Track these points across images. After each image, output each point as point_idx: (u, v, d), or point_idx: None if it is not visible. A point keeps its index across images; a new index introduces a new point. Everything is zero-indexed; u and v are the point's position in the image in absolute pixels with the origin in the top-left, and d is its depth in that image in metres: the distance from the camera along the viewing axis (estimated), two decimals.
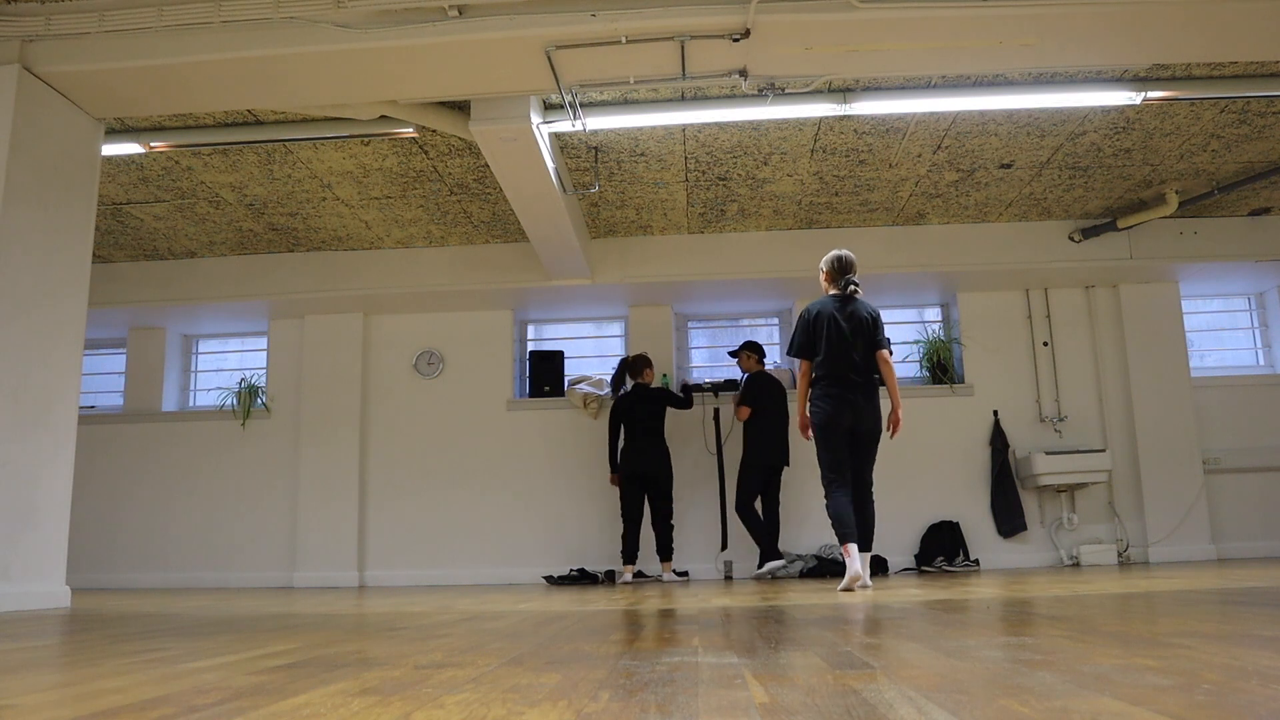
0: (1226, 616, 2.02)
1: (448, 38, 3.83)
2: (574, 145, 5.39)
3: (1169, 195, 6.19)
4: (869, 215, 6.63)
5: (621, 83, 4.16)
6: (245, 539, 7.09)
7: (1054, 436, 6.88)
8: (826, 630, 1.99)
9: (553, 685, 1.24)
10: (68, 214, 4.18)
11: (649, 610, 2.98)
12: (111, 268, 7.08)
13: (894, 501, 6.75)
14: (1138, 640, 1.59)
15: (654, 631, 2.09)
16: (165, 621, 2.89)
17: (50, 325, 4.05)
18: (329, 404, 7.14)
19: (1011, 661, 1.36)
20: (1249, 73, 4.80)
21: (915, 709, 0.99)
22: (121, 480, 7.23)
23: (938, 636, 1.79)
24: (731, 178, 5.89)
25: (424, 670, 1.44)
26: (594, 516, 6.88)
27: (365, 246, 6.97)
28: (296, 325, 7.40)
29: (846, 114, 4.94)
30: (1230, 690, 1.05)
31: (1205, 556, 6.59)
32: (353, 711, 1.05)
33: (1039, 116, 5.16)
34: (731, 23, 3.78)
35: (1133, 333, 6.94)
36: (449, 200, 6.15)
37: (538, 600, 3.72)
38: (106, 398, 7.76)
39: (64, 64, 3.97)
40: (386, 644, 1.92)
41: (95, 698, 1.21)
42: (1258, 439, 6.90)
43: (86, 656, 1.79)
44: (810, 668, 1.36)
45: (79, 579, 7.06)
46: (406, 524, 7.01)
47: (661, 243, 6.88)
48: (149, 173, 5.60)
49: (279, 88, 4.17)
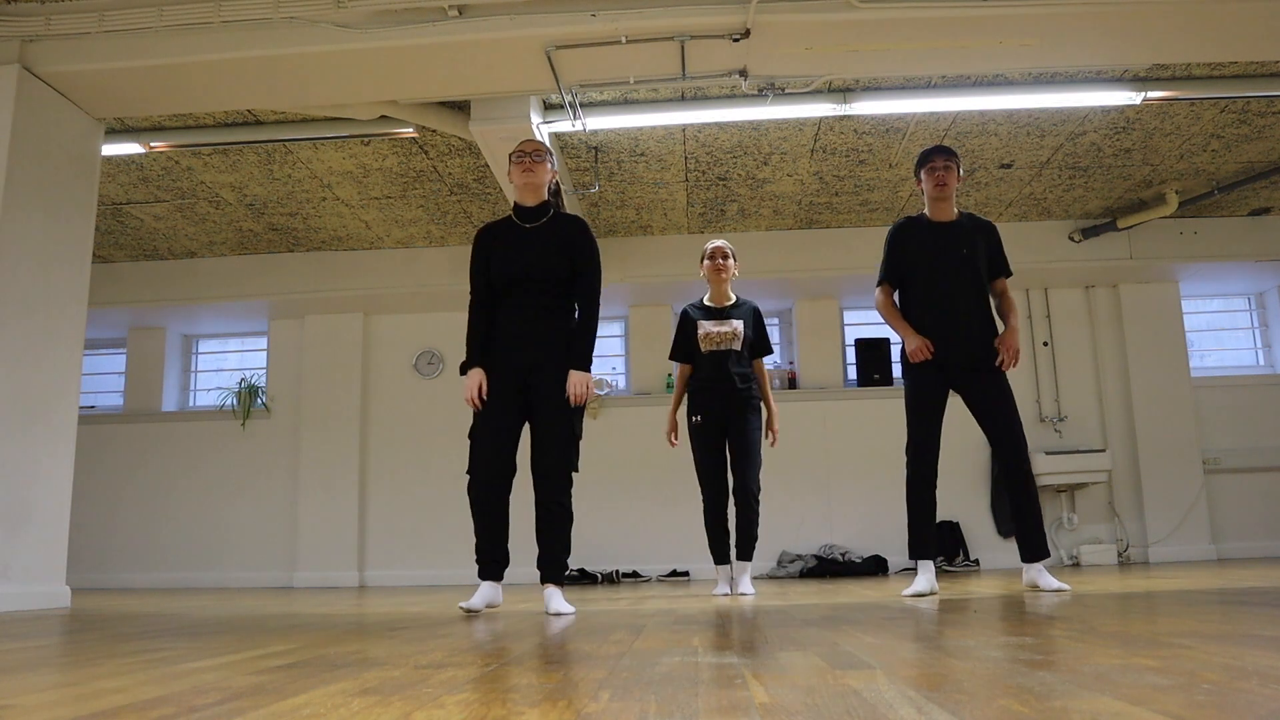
0: (1226, 616, 2.02)
1: (448, 38, 3.83)
2: (574, 145, 5.39)
3: (1169, 195, 6.18)
4: (869, 215, 6.63)
5: (621, 83, 4.16)
6: (245, 539, 7.09)
7: (1054, 436, 6.88)
8: (826, 630, 1.99)
9: (553, 685, 1.24)
10: (68, 214, 4.18)
11: (649, 610, 2.98)
12: (111, 268, 7.08)
13: (894, 502, 6.74)
14: (1138, 640, 1.59)
15: (654, 631, 2.09)
16: (165, 621, 2.89)
17: (50, 325, 4.05)
18: (329, 404, 7.14)
19: (1011, 661, 1.36)
20: (1249, 73, 4.80)
21: (915, 709, 0.99)
22: (121, 480, 7.23)
23: (938, 636, 1.79)
24: (731, 178, 5.89)
25: (424, 670, 1.44)
26: (594, 516, 6.87)
27: (365, 246, 6.97)
28: (296, 325, 7.39)
29: (846, 114, 4.94)
30: (1230, 690, 1.05)
31: (1205, 556, 6.59)
32: (353, 711, 1.05)
33: (1039, 116, 5.16)
34: (731, 23, 3.77)
35: (1133, 333, 6.94)
36: (449, 200, 6.15)
37: (538, 600, 3.72)
38: (106, 398, 7.76)
39: (64, 64, 3.97)
40: (386, 644, 1.92)
41: (95, 698, 1.21)
42: (1258, 439, 6.90)
43: (86, 656, 1.79)
44: (810, 668, 1.36)
45: (79, 579, 7.06)
46: (407, 524, 7.00)
47: (661, 243, 6.88)
48: (149, 173, 5.60)
49: (279, 88, 4.17)
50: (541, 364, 3.01)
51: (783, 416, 6.57)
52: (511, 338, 3.05)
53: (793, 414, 6.82)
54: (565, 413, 2.98)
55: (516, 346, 3.04)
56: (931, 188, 3.56)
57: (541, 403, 3.00)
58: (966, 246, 3.53)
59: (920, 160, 3.62)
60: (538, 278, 3.04)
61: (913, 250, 3.58)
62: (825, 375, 7.13)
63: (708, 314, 4.15)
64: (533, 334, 3.04)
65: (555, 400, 2.97)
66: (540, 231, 3.11)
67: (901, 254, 3.60)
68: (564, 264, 3.05)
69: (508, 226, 3.16)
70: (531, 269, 3.04)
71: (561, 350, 3.02)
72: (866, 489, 6.83)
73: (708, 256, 4.19)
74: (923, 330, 3.52)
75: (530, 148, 3.15)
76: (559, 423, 2.97)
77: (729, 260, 4.17)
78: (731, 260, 4.19)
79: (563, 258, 3.06)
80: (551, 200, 3.19)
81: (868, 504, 6.81)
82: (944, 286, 3.51)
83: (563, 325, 3.07)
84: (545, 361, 3.01)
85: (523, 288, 3.04)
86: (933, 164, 3.56)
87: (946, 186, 3.54)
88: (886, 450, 6.82)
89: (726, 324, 4.08)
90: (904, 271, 3.60)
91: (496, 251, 3.10)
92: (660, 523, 6.80)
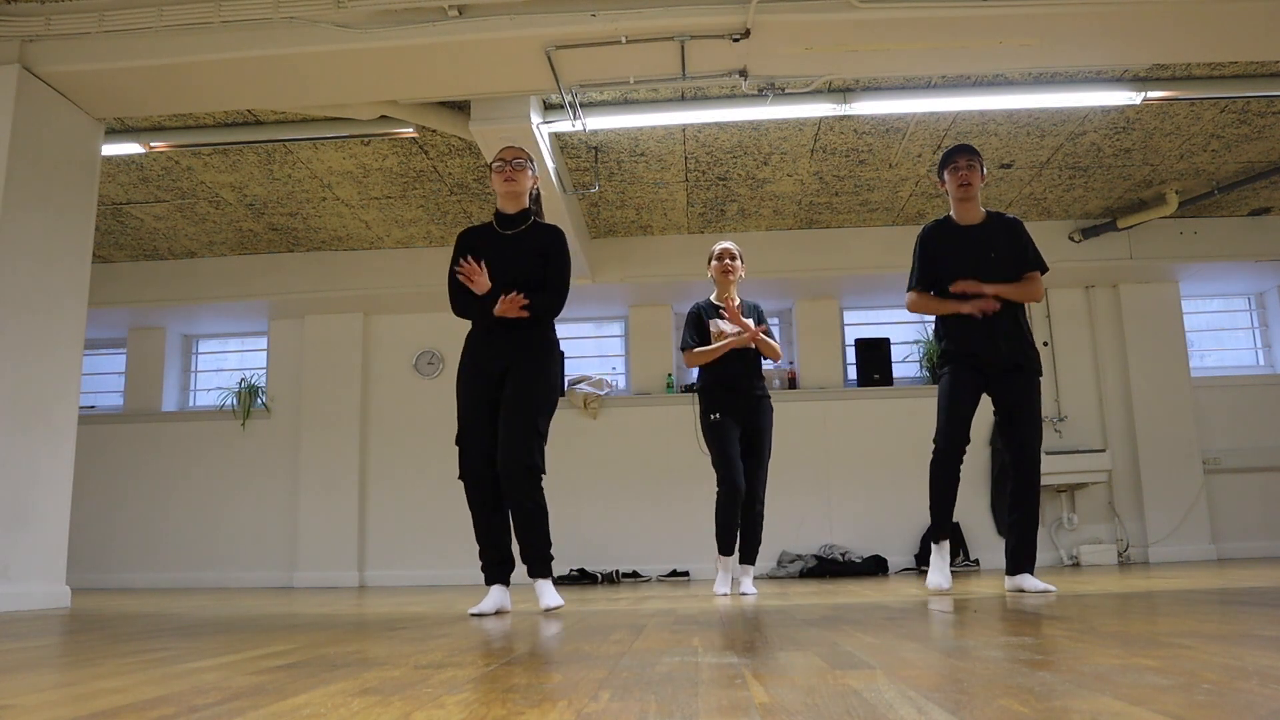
0: (1226, 616, 2.02)
1: (448, 38, 3.83)
2: (574, 145, 5.39)
3: (1169, 195, 6.18)
4: (869, 215, 6.63)
5: (621, 83, 4.16)
6: (245, 539, 7.09)
7: (1054, 436, 6.88)
8: (826, 630, 1.99)
9: (553, 685, 1.24)
10: (68, 214, 4.18)
11: (649, 610, 2.98)
12: (111, 268, 7.08)
13: (894, 502, 6.74)
14: (1138, 640, 1.59)
15: (654, 631, 2.09)
16: (165, 621, 2.89)
17: (50, 325, 4.05)
18: (329, 404, 7.14)
19: (1011, 661, 1.36)
20: (1249, 73, 4.80)
21: (915, 709, 0.99)
22: (121, 480, 7.23)
23: (938, 636, 1.79)
24: (731, 178, 5.88)
25: (424, 670, 1.44)
26: (594, 516, 6.87)
27: (365, 246, 6.97)
28: (296, 325, 7.39)
29: (846, 114, 4.94)
30: (1230, 690, 1.05)
31: (1205, 556, 6.59)
32: (353, 711, 1.05)
33: (1039, 116, 5.15)
34: (731, 23, 3.77)
35: (1133, 333, 6.94)
36: (449, 200, 6.15)
37: (536, 600, 3.71)
38: (106, 398, 7.76)
39: (64, 64, 3.97)
40: (386, 644, 1.92)
41: (95, 698, 1.21)
42: (1258, 439, 6.89)
43: (86, 656, 1.79)
44: (810, 668, 1.36)
45: (79, 579, 7.04)
46: (407, 524, 7.00)
47: (661, 243, 6.88)
48: (149, 173, 5.60)
49: (279, 88, 4.17)
50: (514, 364, 3.06)
51: (783, 416, 6.57)
52: (487, 345, 3.10)
53: (793, 414, 6.82)
54: (526, 410, 3.00)
55: (493, 353, 3.09)
56: (955, 188, 3.55)
57: (505, 402, 3.03)
58: (995, 249, 3.52)
59: (943, 160, 3.61)
60: (512, 280, 3.08)
61: (943, 255, 3.56)
62: (825, 375, 7.13)
63: (719, 313, 4.16)
64: (508, 341, 3.08)
65: (517, 398, 3.01)
66: (519, 239, 3.16)
67: (931, 259, 3.59)
68: (539, 268, 3.11)
69: (488, 232, 3.20)
70: (508, 276, 3.08)
71: (532, 353, 3.07)
72: (866, 489, 6.83)
73: (716, 258, 4.19)
74: (956, 335, 3.50)
75: (511, 155, 3.16)
76: (518, 419, 2.98)
77: (737, 262, 4.18)
78: (739, 262, 4.20)
79: (538, 263, 3.11)
80: (532, 208, 3.21)
81: (868, 504, 6.81)
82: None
83: (536, 332, 3.11)
84: (518, 362, 3.06)
85: (499, 290, 3.08)
86: (956, 164, 3.55)
87: (971, 186, 3.53)
88: (887, 450, 6.82)
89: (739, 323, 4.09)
90: (935, 276, 3.58)
91: (475, 256, 3.14)
92: (660, 523, 6.80)
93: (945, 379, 3.53)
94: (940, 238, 3.59)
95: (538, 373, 3.07)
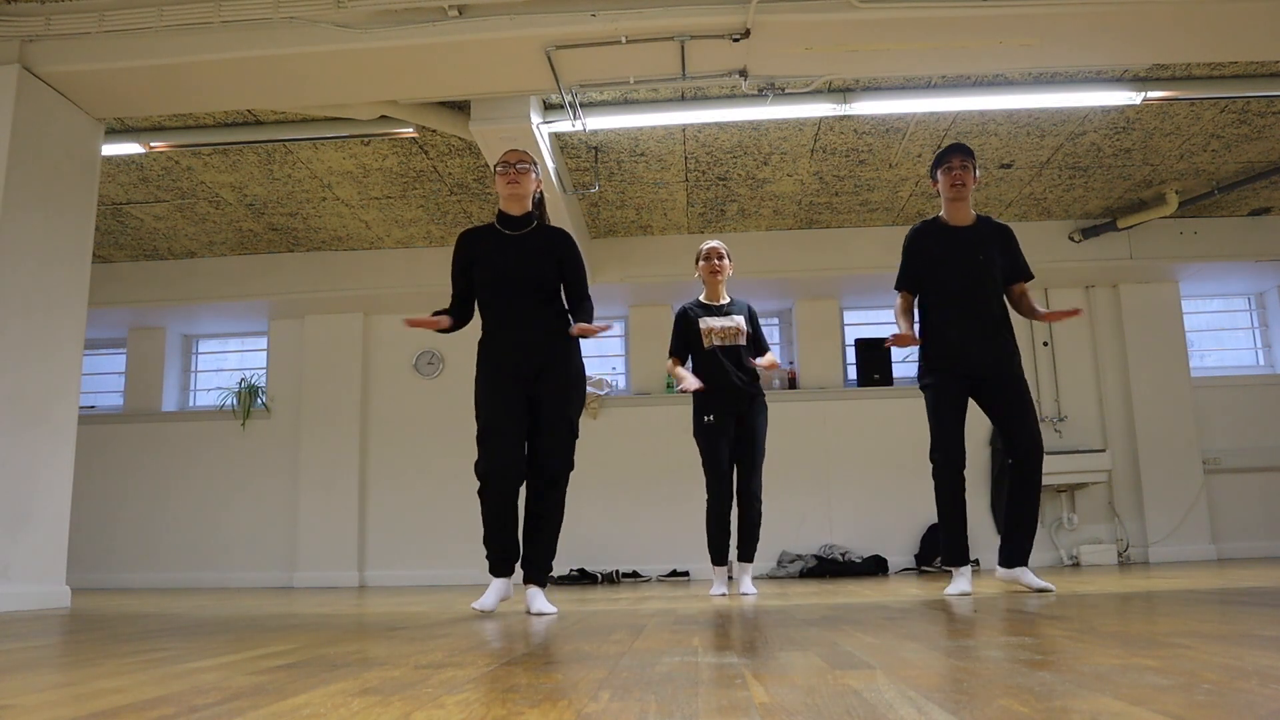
0: (1226, 616, 2.02)
1: (448, 38, 3.83)
2: (574, 145, 5.39)
3: (1169, 195, 6.18)
4: (869, 215, 6.63)
5: (621, 83, 4.16)
6: (245, 539, 7.09)
7: (1054, 436, 6.88)
8: (826, 630, 1.99)
9: (553, 685, 1.24)
10: (68, 214, 4.18)
11: (649, 610, 2.98)
12: (111, 268, 7.08)
13: (894, 502, 6.74)
14: (1138, 640, 1.59)
15: (654, 631, 2.09)
16: (165, 621, 2.89)
17: (50, 325, 4.05)
18: (329, 404, 7.14)
19: (1011, 661, 1.36)
20: (1249, 73, 4.80)
21: (915, 709, 0.99)
22: (121, 480, 7.23)
23: (938, 636, 1.79)
24: (731, 178, 5.89)
25: (424, 670, 1.44)
26: (594, 516, 6.87)
27: (365, 246, 6.97)
28: (296, 325, 7.39)
29: (846, 114, 4.94)
30: (1230, 690, 1.05)
31: (1205, 556, 6.59)
32: (353, 711, 1.05)
33: (1039, 116, 5.16)
34: (731, 23, 3.77)
35: (1133, 333, 6.94)
36: (449, 200, 6.15)
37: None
38: (106, 398, 7.76)
39: (64, 64, 3.97)
40: (386, 644, 1.92)
41: (95, 698, 1.21)
42: (1258, 439, 6.90)
43: (86, 656, 1.79)
44: (810, 668, 1.36)
45: (79, 579, 7.05)
46: (407, 524, 7.00)
47: (661, 243, 6.87)
48: (149, 173, 5.60)
49: (279, 88, 4.17)
50: (547, 367, 3.06)
51: (783, 416, 6.59)
52: (511, 342, 3.08)
53: (793, 414, 6.83)
54: (567, 413, 3.07)
55: (519, 350, 3.06)
56: (948, 188, 3.54)
57: (547, 406, 3.04)
58: (983, 252, 3.50)
59: (937, 160, 3.60)
60: (525, 281, 3.08)
61: (929, 255, 3.55)
62: (825, 375, 7.13)
63: (708, 311, 4.15)
64: (532, 339, 3.07)
65: (558, 401, 3.04)
66: (525, 240, 3.15)
67: (917, 260, 3.58)
68: (551, 270, 3.11)
69: (491, 233, 3.19)
70: (517, 272, 3.08)
71: (564, 353, 3.08)
72: (866, 489, 6.83)
73: (703, 258, 4.19)
74: (941, 337, 3.49)
75: (514, 158, 3.17)
76: (562, 423, 3.06)
77: (724, 261, 4.18)
78: (727, 260, 4.20)
79: (550, 264, 3.11)
80: (535, 212, 3.21)
81: (868, 504, 6.81)
82: (960, 292, 3.48)
83: (560, 328, 3.11)
84: (551, 364, 3.06)
85: (510, 290, 3.07)
86: (949, 164, 3.54)
87: (964, 187, 3.52)
88: (886, 450, 6.82)
89: (730, 319, 4.09)
90: (920, 277, 3.57)
91: (480, 257, 3.13)
92: (660, 523, 6.80)
93: (930, 393, 3.49)
94: (928, 238, 3.59)
95: (574, 375, 3.12)
